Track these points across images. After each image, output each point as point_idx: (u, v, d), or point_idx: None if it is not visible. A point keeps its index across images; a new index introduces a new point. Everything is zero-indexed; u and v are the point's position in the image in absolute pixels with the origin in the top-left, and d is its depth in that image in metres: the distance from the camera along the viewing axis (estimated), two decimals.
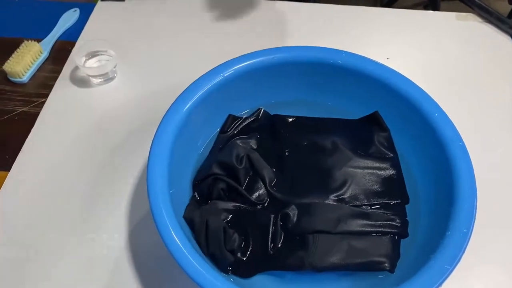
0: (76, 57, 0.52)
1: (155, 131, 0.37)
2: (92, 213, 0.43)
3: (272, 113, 0.46)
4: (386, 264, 0.36)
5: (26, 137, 0.48)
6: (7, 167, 0.46)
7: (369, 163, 0.41)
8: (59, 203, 0.44)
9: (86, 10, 0.61)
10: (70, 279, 0.39)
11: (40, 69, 0.55)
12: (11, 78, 0.54)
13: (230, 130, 0.44)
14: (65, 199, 0.44)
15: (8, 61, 0.53)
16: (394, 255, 0.37)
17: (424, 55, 0.57)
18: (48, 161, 0.47)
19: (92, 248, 0.41)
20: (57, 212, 0.43)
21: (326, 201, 0.39)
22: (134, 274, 0.39)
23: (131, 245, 0.41)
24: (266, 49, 0.43)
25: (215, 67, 0.41)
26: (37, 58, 0.55)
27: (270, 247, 0.37)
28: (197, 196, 0.40)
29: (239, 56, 0.42)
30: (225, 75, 0.41)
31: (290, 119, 0.45)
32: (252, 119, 0.45)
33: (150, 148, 0.36)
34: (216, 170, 0.40)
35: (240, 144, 0.43)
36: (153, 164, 0.36)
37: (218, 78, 0.41)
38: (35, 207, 0.43)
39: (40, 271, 0.40)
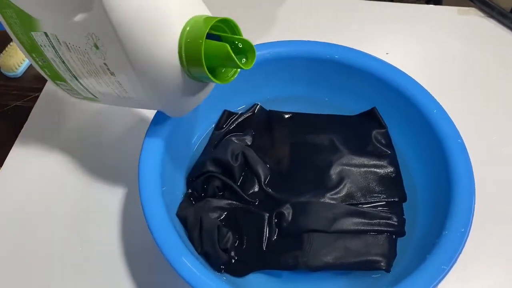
0: None
1: None
2: (84, 209, 0.42)
3: (268, 109, 0.45)
4: (382, 264, 0.35)
5: (19, 132, 0.48)
6: (0, 162, 0.45)
7: (366, 160, 0.40)
8: (52, 199, 0.43)
9: None
10: (60, 277, 0.39)
11: None
12: (4, 72, 0.53)
13: (226, 126, 0.44)
14: (58, 195, 0.43)
15: (2, 54, 0.52)
16: (391, 254, 0.36)
17: (424, 50, 0.56)
18: (41, 156, 0.46)
19: (83, 246, 0.40)
20: (49, 209, 0.43)
21: (322, 200, 0.38)
22: (126, 272, 0.39)
23: (124, 242, 0.40)
24: (261, 43, 0.42)
25: None
26: None
27: (264, 246, 0.36)
28: (191, 193, 0.39)
29: None
30: None
31: (287, 116, 0.45)
32: (248, 115, 0.44)
33: (142, 145, 0.36)
34: (211, 167, 0.40)
35: (236, 141, 0.42)
36: (145, 161, 0.35)
37: None
38: (27, 202, 0.43)
39: (30, 268, 0.39)
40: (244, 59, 0.30)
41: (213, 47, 0.28)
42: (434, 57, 0.56)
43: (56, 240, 0.41)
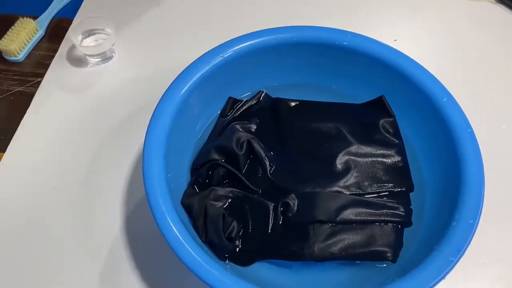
0: (73, 35, 0.50)
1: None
2: (88, 196, 0.42)
3: (274, 96, 0.44)
4: (389, 254, 0.35)
5: (22, 117, 0.47)
6: (2, 148, 0.45)
7: (373, 150, 0.40)
8: (54, 185, 0.43)
9: None
10: (64, 264, 0.39)
11: (36, 47, 0.54)
12: (6, 57, 0.52)
13: (230, 113, 0.43)
14: (61, 182, 0.43)
15: (3, 39, 0.52)
16: (397, 245, 0.36)
17: (433, 37, 0.55)
18: (44, 142, 0.46)
19: (86, 232, 0.40)
20: (52, 194, 0.42)
21: (328, 190, 0.37)
22: (129, 260, 0.39)
23: (127, 229, 0.40)
24: (268, 28, 0.41)
25: (214, 48, 0.40)
26: (32, 36, 0.53)
27: (269, 236, 0.36)
28: (195, 181, 0.39)
29: (240, 36, 0.40)
30: (225, 56, 0.39)
31: (293, 103, 0.44)
32: (253, 103, 0.44)
33: (146, 132, 0.35)
34: (216, 155, 0.39)
35: (240, 129, 0.41)
36: (149, 148, 0.35)
37: (218, 59, 0.39)
38: (30, 188, 0.43)
39: (34, 254, 0.39)
40: None
41: None
42: (444, 43, 0.54)
43: (59, 228, 0.40)
